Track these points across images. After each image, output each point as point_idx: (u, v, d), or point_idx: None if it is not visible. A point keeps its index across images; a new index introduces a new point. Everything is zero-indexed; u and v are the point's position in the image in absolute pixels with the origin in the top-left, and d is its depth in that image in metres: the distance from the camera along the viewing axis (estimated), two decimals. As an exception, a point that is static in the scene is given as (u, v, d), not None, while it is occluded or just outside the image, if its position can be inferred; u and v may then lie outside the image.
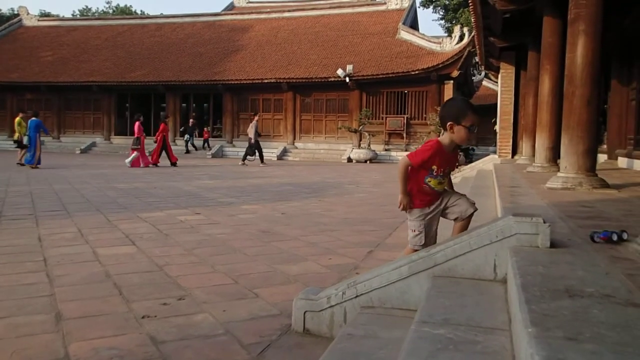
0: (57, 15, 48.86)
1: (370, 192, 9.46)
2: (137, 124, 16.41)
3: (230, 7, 37.40)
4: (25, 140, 14.94)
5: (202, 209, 6.81)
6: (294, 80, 24.59)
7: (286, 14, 31.35)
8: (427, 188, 2.84)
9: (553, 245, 2.09)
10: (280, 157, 24.07)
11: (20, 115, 15.94)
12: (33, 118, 15.13)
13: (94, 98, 28.92)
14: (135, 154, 16.25)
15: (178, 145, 26.95)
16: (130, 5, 61.45)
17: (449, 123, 2.72)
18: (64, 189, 9.14)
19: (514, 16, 10.29)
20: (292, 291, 3.02)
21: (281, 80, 24.70)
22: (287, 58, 26.40)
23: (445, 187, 2.93)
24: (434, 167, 2.78)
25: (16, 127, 15.59)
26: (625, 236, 2.20)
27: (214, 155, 24.73)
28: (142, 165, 16.29)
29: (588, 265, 1.81)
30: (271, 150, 24.59)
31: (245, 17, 32.19)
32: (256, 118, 18.36)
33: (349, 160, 22.06)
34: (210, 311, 2.77)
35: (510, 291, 1.80)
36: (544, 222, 2.09)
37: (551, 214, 3.13)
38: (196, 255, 4.08)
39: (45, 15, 49.54)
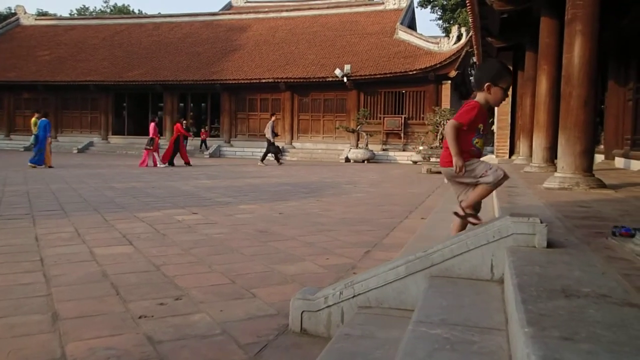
0: (55, 15, 48.74)
1: (368, 192, 9.47)
2: (152, 124, 16.85)
3: (228, 7, 37.39)
4: (32, 139, 15.22)
5: (200, 208, 6.80)
6: (292, 80, 24.60)
7: (284, 14, 31.36)
8: (474, 150, 2.89)
9: (550, 245, 2.10)
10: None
11: (36, 115, 16.05)
12: (43, 118, 15.31)
13: (92, 97, 28.88)
14: (151, 153, 16.63)
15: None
16: (128, 5, 61.30)
17: (486, 84, 2.80)
18: (61, 188, 9.12)
19: (512, 16, 10.31)
20: (289, 291, 3.01)
21: (279, 80, 24.71)
22: (285, 58, 26.40)
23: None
24: (480, 125, 2.86)
25: (32, 128, 15.71)
26: None
27: (211, 155, 24.73)
28: (149, 165, 16.49)
29: (585, 265, 1.81)
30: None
31: (243, 16, 32.19)
32: (273, 118, 18.65)
33: (347, 160, 22.06)
34: (207, 311, 2.77)
35: (507, 291, 1.80)
36: (541, 222, 2.10)
37: (548, 214, 3.14)
38: (193, 255, 4.08)
39: (42, 14, 49.49)
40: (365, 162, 21.54)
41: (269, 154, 18.22)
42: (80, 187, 9.32)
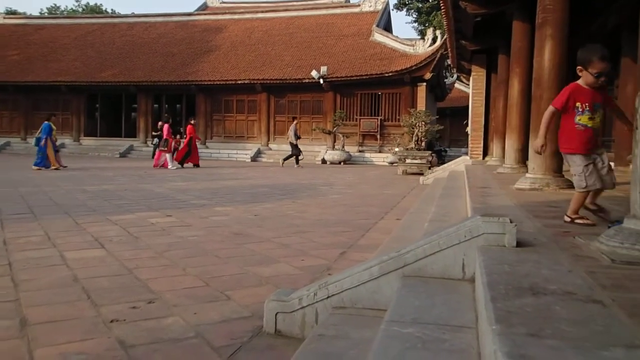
0: (24, 13, 47.74)
1: (344, 194, 9.50)
2: (166, 126, 17.22)
3: (204, 7, 37.10)
4: (33, 142, 15.35)
5: (174, 211, 6.74)
6: (268, 82, 24.54)
7: (260, 15, 31.26)
8: (581, 129, 3.01)
9: (519, 244, 2.14)
10: (254, 159, 23.99)
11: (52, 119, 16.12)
12: (46, 121, 15.41)
13: (63, 98, 28.34)
14: (166, 155, 16.82)
15: (150, 147, 26.65)
16: (101, 4, 60.25)
17: (578, 67, 3.00)
18: (30, 191, 8.93)
19: (485, 20, 10.48)
20: (264, 293, 3.01)
21: (255, 82, 24.62)
22: (261, 59, 26.33)
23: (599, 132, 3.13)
24: (578, 104, 3.00)
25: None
26: None
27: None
28: (170, 166, 16.65)
29: (552, 264, 1.85)
30: (245, 152, 24.50)
31: (219, 17, 31.98)
32: (295, 122, 19.38)
33: (323, 161, 22.09)
34: (180, 314, 2.74)
35: (478, 290, 1.83)
36: (511, 222, 2.14)
37: (519, 214, 3.20)
38: (167, 258, 4.04)
39: (11, 13, 48.35)
40: (342, 163, 21.59)
41: (292, 156, 18.78)
42: (51, 190, 9.14)
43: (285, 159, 18.99)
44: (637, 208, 2.11)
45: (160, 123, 23.75)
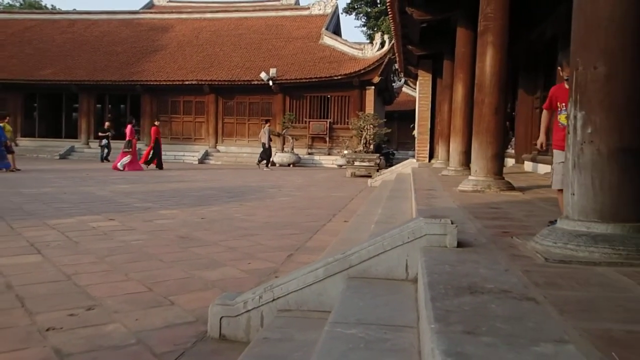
0: (-43, 7, 45.28)
1: (293, 196, 9.49)
2: (129, 127, 16.74)
3: (150, 6, 36.23)
4: None
5: (117, 214, 6.54)
6: (216, 83, 24.23)
7: (208, 15, 30.83)
8: (560, 127, 3.27)
9: (460, 245, 2.20)
10: (201, 161, 23.61)
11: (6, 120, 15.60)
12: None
13: (-1, 97, 27.02)
14: (127, 157, 16.20)
15: (92, 149, 25.78)
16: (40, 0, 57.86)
17: (558, 67, 3.41)
18: (-38, 194, 8.47)
19: (431, 26, 10.72)
20: (209, 297, 2.96)
21: (203, 82, 24.25)
22: (209, 60, 25.96)
23: None
24: (558, 103, 3.33)
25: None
26: None
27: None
28: (128, 169, 16.10)
29: (490, 264, 1.91)
30: (192, 154, 24.08)
31: (166, 16, 31.33)
32: (267, 124, 19.74)
33: (273, 164, 22.00)
34: (121, 321, 2.66)
35: (419, 290, 1.87)
36: (452, 223, 2.19)
37: (460, 216, 3.29)
38: (108, 263, 3.91)
39: (-58, 6, 45.75)
40: (291, 166, 21.57)
41: (265, 158, 19.21)
42: (-15, 193, 8.69)
43: (266, 164, 19.42)
44: (569, 209, 2.21)
45: (107, 123, 22.96)
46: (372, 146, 18.08)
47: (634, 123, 2.09)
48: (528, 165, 10.51)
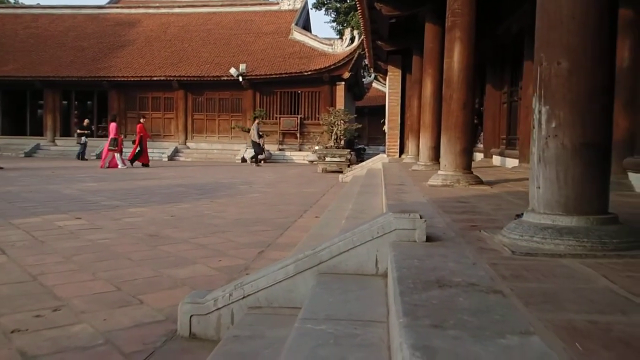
0: None
1: (264, 192, 9.45)
2: (114, 124, 16.90)
3: (116, 0, 35.53)
4: None
5: (84, 213, 6.40)
6: (185, 79, 23.94)
7: (176, 10, 30.40)
8: None
9: (429, 239, 2.22)
10: (171, 158, 23.32)
11: None
12: None
13: (-42, 93, 26.16)
14: (111, 154, 16.48)
15: (59, 146, 25.18)
16: (2, -7, 56.09)
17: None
18: None
19: (400, 22, 10.79)
20: (179, 295, 2.92)
21: (171, 78, 23.93)
22: (178, 55, 25.62)
23: None
24: None
25: None
26: None
27: (98, 156, 23.36)
28: (120, 166, 16.35)
29: (458, 257, 1.93)
30: (162, 151, 23.75)
31: (133, 11, 30.75)
32: (257, 121, 19.59)
33: (243, 160, 21.87)
34: (89, 321, 2.61)
35: (389, 284, 1.88)
36: (421, 218, 2.21)
37: (430, 210, 3.32)
38: (75, 263, 3.83)
39: None
40: (262, 162, 21.49)
41: (257, 155, 19.12)
42: (-55, 193, 8.41)
43: (252, 158, 19.40)
44: (535, 202, 2.25)
45: (86, 121, 22.46)
46: (343, 142, 18.14)
47: (595, 118, 2.14)
48: (496, 160, 10.70)
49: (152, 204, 7.44)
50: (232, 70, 22.88)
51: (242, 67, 23.03)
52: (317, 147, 18.68)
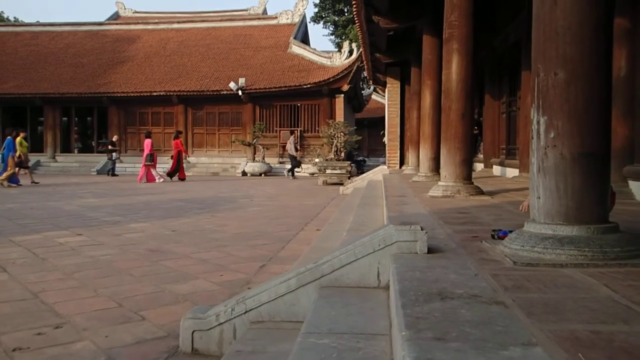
0: None
1: (264, 206, 9.45)
2: (149, 140, 17.58)
3: (115, 17, 35.78)
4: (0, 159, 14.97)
5: (85, 229, 6.40)
6: (185, 93, 24.03)
7: (175, 25, 30.60)
8: None
9: (430, 250, 2.22)
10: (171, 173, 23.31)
11: (22, 134, 15.54)
12: (8, 137, 15.12)
13: (-41, 111, 26.25)
14: (151, 170, 17.23)
15: (59, 163, 25.22)
16: (2, 11, 56.63)
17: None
18: None
19: (398, 34, 10.87)
20: (181, 311, 2.92)
21: (171, 93, 24.02)
22: (177, 70, 25.75)
23: None
24: None
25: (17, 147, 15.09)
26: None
27: (99, 172, 23.42)
28: (157, 180, 17.16)
29: (460, 269, 1.93)
30: (162, 166, 23.72)
31: (132, 27, 30.96)
32: (293, 135, 20.47)
33: (244, 173, 21.88)
34: (91, 338, 2.60)
35: (391, 297, 1.87)
36: (422, 230, 2.21)
37: (431, 221, 3.32)
38: (76, 280, 3.82)
39: None
40: (263, 175, 21.49)
41: (294, 168, 19.81)
42: (-54, 211, 8.41)
43: (289, 172, 19.89)
44: (536, 212, 2.25)
45: (115, 137, 22.60)
46: (343, 154, 18.17)
47: (593, 128, 2.15)
48: (496, 170, 10.70)
49: (153, 219, 7.44)
50: (232, 85, 22.97)
51: (242, 81, 23.13)
52: (317, 160, 18.70)
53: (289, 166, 22.70)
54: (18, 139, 15.23)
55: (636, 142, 5.21)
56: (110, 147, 21.77)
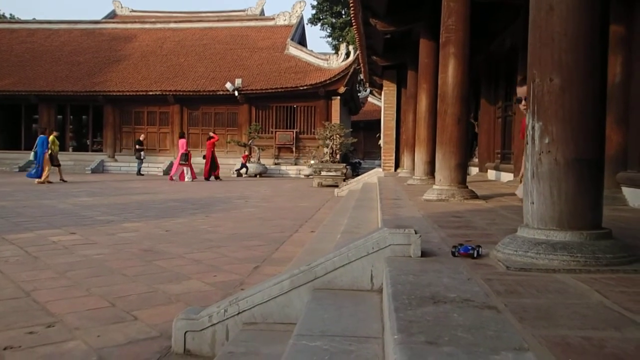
0: None
1: (259, 207, 9.44)
2: (183, 140, 18.25)
3: (112, 15, 35.71)
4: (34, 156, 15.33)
5: (78, 228, 6.38)
6: (181, 93, 24.00)
7: (172, 25, 30.57)
8: None
9: (424, 254, 2.22)
10: (167, 172, 23.26)
11: (54, 134, 16.22)
12: (41, 135, 15.66)
13: (-47, 108, 26.13)
14: (181, 168, 17.90)
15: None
16: (-2, 8, 56.30)
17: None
18: None
19: (394, 37, 10.89)
20: (173, 311, 2.91)
21: (167, 93, 23.99)
22: (174, 70, 25.72)
23: None
24: None
25: (50, 146, 15.46)
26: (481, 251, 2.31)
27: (93, 171, 23.36)
28: (186, 179, 17.71)
29: (453, 273, 1.94)
30: (157, 165, 23.72)
31: (128, 26, 30.92)
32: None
33: (239, 174, 21.87)
34: (83, 337, 2.59)
35: (384, 300, 1.87)
36: (416, 233, 2.22)
37: (425, 225, 3.33)
38: (69, 279, 3.81)
39: None
40: (258, 176, 21.49)
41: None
42: (-62, 208, 8.36)
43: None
44: (529, 217, 2.26)
45: (142, 136, 22.55)
46: (338, 156, 18.18)
47: (587, 134, 2.16)
48: (491, 174, 10.73)
49: (147, 218, 7.42)
50: (228, 85, 22.97)
51: (238, 81, 23.12)
52: (312, 162, 18.72)
53: (285, 167, 22.75)
54: (51, 137, 15.64)
55: (630, 148, 5.23)
56: (137, 146, 21.78)
